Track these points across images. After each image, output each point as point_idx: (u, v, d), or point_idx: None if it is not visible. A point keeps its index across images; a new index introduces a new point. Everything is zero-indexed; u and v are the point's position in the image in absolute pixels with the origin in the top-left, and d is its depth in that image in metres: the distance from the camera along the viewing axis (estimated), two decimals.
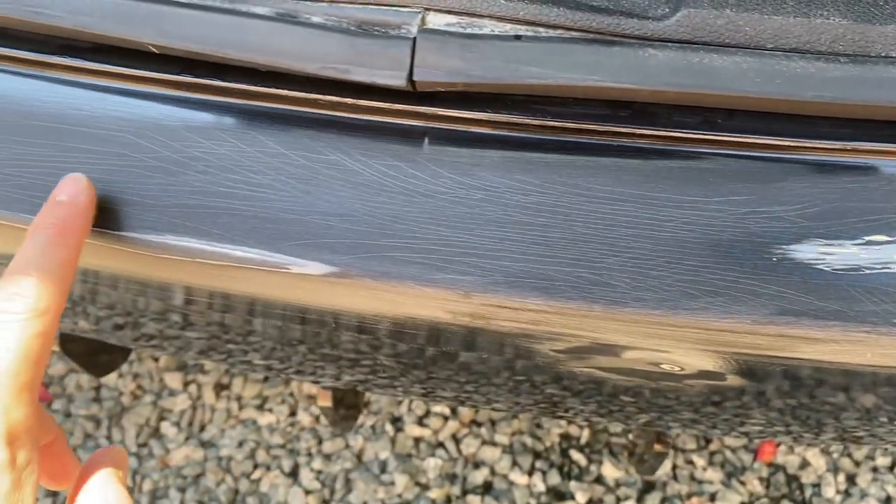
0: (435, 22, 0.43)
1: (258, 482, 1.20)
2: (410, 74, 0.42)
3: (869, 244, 0.41)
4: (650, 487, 1.18)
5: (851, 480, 1.20)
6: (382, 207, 0.43)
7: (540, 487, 1.18)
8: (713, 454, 1.22)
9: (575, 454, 1.21)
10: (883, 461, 1.21)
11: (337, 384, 0.65)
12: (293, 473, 1.21)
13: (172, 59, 0.44)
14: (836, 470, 1.20)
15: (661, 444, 0.78)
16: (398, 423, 1.24)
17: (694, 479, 1.19)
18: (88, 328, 0.62)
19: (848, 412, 0.53)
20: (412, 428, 1.23)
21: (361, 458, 1.22)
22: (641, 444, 0.90)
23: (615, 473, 1.19)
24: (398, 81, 0.41)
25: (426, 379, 0.58)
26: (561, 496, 1.17)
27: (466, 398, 0.63)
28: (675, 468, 1.19)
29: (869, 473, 1.20)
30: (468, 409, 1.22)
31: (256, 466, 1.22)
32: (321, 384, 0.77)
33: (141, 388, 1.28)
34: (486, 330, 0.46)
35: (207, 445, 1.23)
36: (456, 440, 1.23)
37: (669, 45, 0.41)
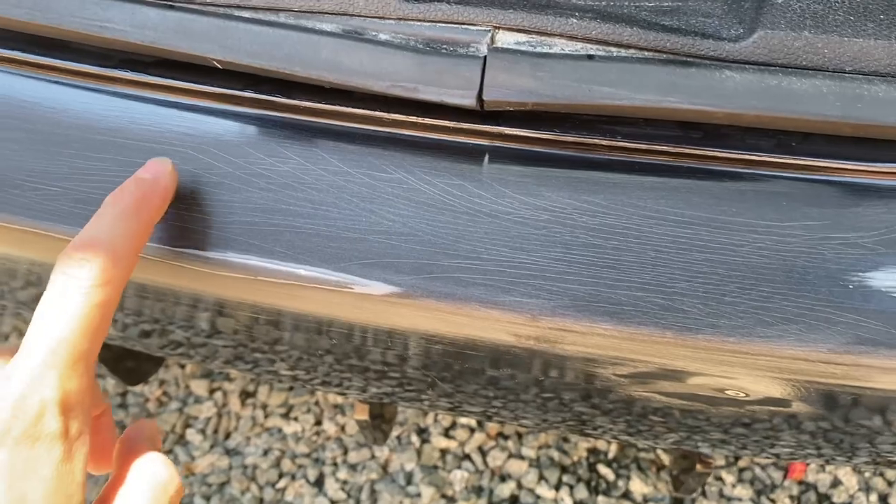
0: (505, 40, 0.42)
1: (283, 491, 1.19)
2: (480, 93, 0.41)
3: None
4: None
5: (884, 500, 1.18)
6: (446, 227, 0.43)
7: (567, 502, 1.16)
8: (742, 471, 1.20)
9: (603, 469, 1.20)
10: None
11: (383, 400, 0.64)
12: (318, 483, 1.20)
13: (236, 74, 0.44)
14: (868, 489, 1.19)
15: (703, 464, 0.77)
16: (424, 434, 1.23)
17: (723, 496, 1.18)
18: (134, 340, 0.62)
19: None
20: (438, 439, 1.22)
21: (387, 468, 1.21)
22: (679, 464, 0.89)
23: (643, 489, 1.18)
24: (468, 101, 0.41)
25: (474, 396, 0.57)
26: None
27: (496, 414, 0.62)
28: (703, 485, 1.18)
29: None
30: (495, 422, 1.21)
31: (281, 475, 1.21)
32: (366, 400, 0.77)
33: (167, 394, 1.28)
34: (548, 353, 0.45)
35: (232, 453, 1.23)
36: (482, 452, 1.22)
37: (747, 66, 0.40)
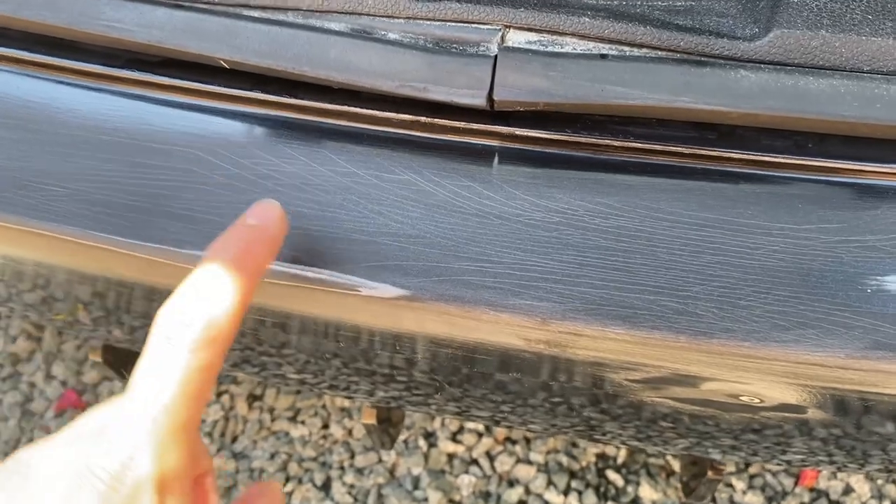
0: (515, 40, 0.41)
1: (290, 495, 1.19)
2: (490, 93, 0.40)
3: None
4: None
5: None
6: (456, 229, 0.42)
7: None
8: (753, 477, 1.19)
9: (612, 474, 1.19)
10: None
11: (391, 404, 0.63)
12: (325, 487, 1.19)
13: (243, 75, 0.43)
14: (880, 497, 1.17)
15: (714, 471, 0.76)
16: (432, 438, 1.22)
17: (734, 502, 1.17)
18: (129, 340, 0.61)
19: None
20: (446, 444, 1.22)
21: (394, 473, 1.20)
22: (690, 470, 0.88)
23: (653, 495, 1.16)
24: (478, 101, 0.40)
25: (483, 400, 0.56)
26: None
27: (505, 418, 0.61)
28: (714, 491, 1.16)
29: None
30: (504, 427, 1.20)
31: (288, 479, 1.20)
32: (374, 404, 0.76)
33: None
34: (559, 358, 0.44)
35: (239, 457, 1.22)
36: (490, 457, 1.21)
37: (762, 66, 0.39)
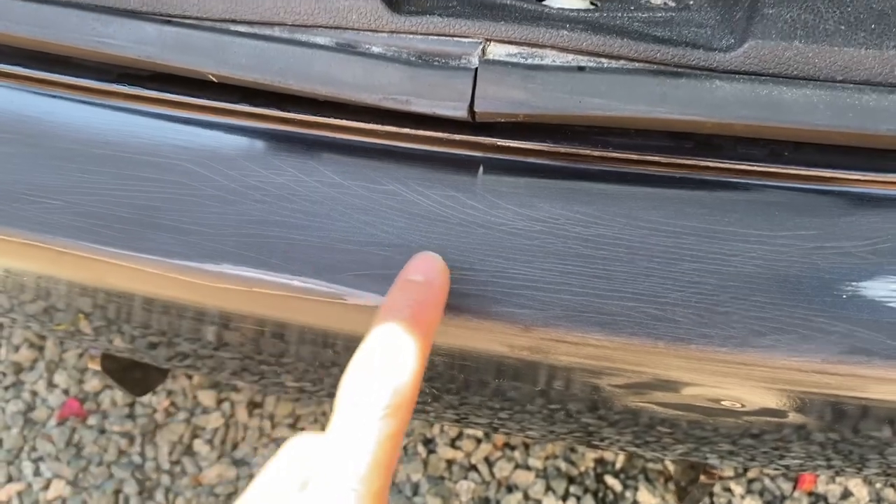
0: (496, 53, 0.42)
1: None
2: (471, 105, 0.41)
3: None
4: None
5: None
6: (440, 238, 0.43)
7: None
8: (751, 482, 1.19)
9: (610, 480, 1.19)
10: None
11: None
12: None
13: (232, 88, 0.44)
14: (879, 500, 1.17)
15: (706, 475, 0.76)
16: (430, 444, 1.23)
17: None
18: (129, 349, 0.62)
19: None
20: (445, 450, 1.22)
21: (393, 479, 1.21)
22: (687, 475, 0.88)
23: (651, 500, 1.17)
24: (459, 112, 0.41)
25: (478, 407, 0.57)
26: None
27: (502, 425, 0.62)
28: (712, 496, 1.17)
29: None
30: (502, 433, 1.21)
31: None
32: None
33: (174, 405, 1.29)
34: (543, 364, 0.45)
35: (240, 464, 1.23)
36: (489, 463, 1.21)
37: (737, 76, 0.40)
